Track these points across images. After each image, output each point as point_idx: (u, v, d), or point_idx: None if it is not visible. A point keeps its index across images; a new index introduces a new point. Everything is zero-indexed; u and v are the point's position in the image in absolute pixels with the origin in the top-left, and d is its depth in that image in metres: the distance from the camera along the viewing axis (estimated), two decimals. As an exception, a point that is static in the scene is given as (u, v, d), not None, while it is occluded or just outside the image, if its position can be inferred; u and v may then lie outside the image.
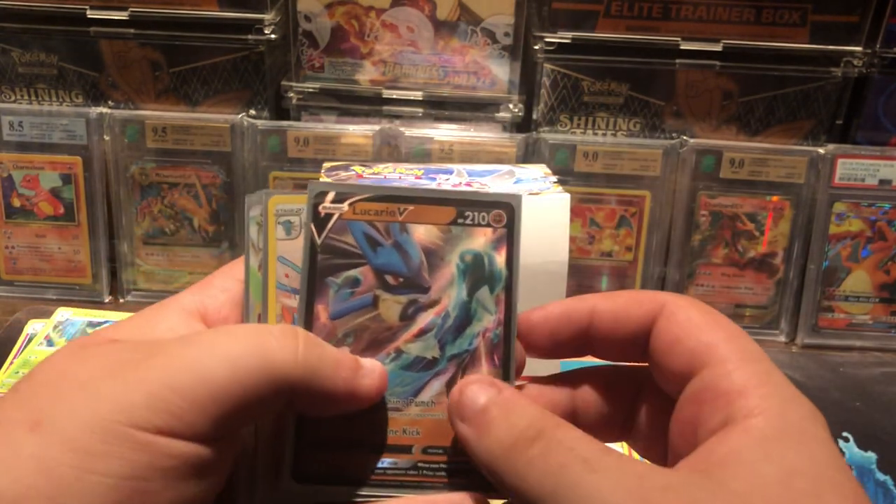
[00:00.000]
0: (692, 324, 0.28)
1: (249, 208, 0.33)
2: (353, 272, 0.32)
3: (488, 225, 0.32)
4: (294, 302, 0.32)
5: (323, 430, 0.31)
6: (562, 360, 0.33)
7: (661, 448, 0.30)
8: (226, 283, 0.33)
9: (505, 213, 0.32)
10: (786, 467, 0.24)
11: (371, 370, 0.30)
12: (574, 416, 0.32)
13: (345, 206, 0.32)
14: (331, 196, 0.32)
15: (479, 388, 0.28)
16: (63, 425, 0.25)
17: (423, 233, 0.32)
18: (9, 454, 0.25)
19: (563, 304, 0.31)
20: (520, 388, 0.32)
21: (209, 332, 0.29)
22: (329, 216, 0.32)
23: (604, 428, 0.32)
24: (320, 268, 0.31)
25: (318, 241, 0.31)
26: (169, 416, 0.26)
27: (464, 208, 0.32)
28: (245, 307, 0.33)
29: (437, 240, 0.32)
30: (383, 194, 0.32)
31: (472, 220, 0.32)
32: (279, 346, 0.28)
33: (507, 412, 0.27)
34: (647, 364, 0.31)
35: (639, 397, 0.32)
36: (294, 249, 0.32)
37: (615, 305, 0.31)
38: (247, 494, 0.32)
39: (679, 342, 0.28)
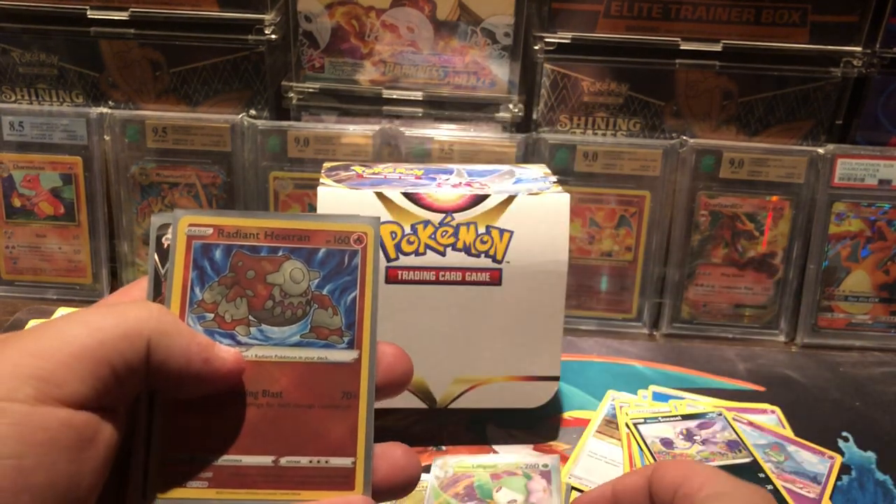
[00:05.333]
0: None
1: (156, 228, 0.34)
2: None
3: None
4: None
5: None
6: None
7: None
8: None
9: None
10: None
11: (227, 350, 0.32)
12: None
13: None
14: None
15: None
16: None
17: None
18: None
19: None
20: None
21: (71, 312, 0.30)
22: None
23: None
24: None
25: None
26: (35, 380, 0.26)
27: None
28: None
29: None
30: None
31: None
32: (135, 308, 0.30)
33: None
34: None
35: None
36: None
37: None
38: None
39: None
